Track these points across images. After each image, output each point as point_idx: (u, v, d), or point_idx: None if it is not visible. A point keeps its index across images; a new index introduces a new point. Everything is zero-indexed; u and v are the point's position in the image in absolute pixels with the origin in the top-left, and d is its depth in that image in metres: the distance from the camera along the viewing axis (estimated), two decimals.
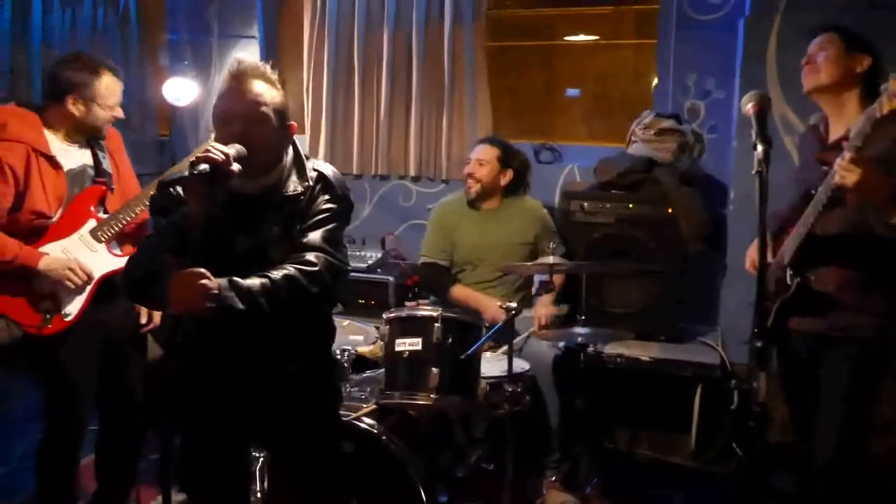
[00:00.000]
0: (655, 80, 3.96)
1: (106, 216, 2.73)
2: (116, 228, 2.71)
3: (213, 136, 2.05)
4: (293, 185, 1.99)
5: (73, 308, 2.65)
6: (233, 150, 1.85)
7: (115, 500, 2.95)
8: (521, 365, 2.96)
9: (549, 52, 4.45)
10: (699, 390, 3.42)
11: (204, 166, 1.78)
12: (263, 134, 1.93)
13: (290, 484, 2.19)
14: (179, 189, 1.93)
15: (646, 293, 3.58)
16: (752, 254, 2.51)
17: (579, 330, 3.00)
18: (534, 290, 3.58)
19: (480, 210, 3.60)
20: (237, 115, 1.91)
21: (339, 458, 2.24)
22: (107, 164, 2.77)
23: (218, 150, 1.81)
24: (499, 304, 3.26)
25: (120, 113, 2.73)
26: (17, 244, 2.54)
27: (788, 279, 2.32)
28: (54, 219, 2.62)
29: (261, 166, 1.95)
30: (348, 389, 2.85)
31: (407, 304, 3.82)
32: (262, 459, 2.74)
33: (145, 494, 3.18)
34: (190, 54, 4.44)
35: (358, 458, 2.56)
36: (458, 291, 3.52)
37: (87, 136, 2.72)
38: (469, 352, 2.56)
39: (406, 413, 2.75)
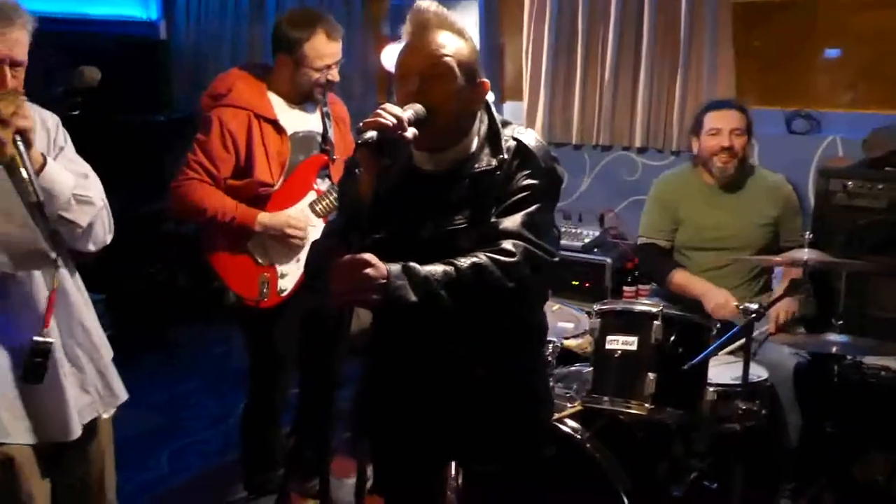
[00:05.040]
0: None
1: (325, 189, 2.67)
2: (335, 203, 2.61)
3: None
4: (486, 159, 1.68)
5: (289, 283, 2.64)
6: (409, 112, 1.57)
7: (312, 468, 2.94)
8: (757, 372, 2.52)
9: (808, 6, 3.80)
10: None
11: (371, 133, 1.52)
12: (444, 91, 1.63)
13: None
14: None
15: None
16: None
17: (834, 337, 2.49)
18: (773, 284, 3.09)
19: (710, 186, 3.12)
20: (414, 69, 1.63)
21: (539, 479, 1.93)
22: (332, 134, 2.70)
23: (389, 112, 1.54)
24: (730, 297, 2.85)
25: (334, 76, 2.60)
26: (234, 203, 2.55)
27: None
28: (276, 186, 2.60)
29: (445, 133, 1.67)
30: (551, 385, 2.57)
31: (625, 289, 3.50)
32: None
33: (344, 466, 3.18)
34: None
35: (558, 463, 2.31)
36: (679, 277, 3.06)
37: (304, 99, 2.64)
38: (694, 361, 2.18)
39: (616, 417, 2.45)
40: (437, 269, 1.56)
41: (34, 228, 1.65)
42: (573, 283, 3.63)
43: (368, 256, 1.51)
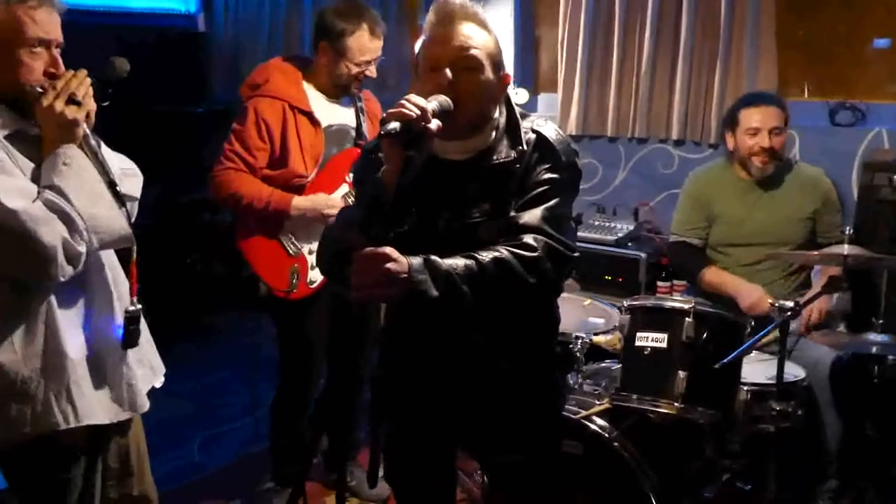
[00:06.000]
0: None
1: None
2: None
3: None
4: (504, 151, 1.66)
5: (319, 275, 2.64)
6: (433, 103, 1.55)
7: (336, 460, 2.94)
8: (793, 371, 2.45)
9: None
10: None
11: (394, 124, 1.50)
12: (473, 84, 1.62)
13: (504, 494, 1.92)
14: (381, 155, 1.65)
15: None
16: None
17: (875, 337, 2.41)
18: (813, 280, 2.99)
19: (746, 181, 3.02)
20: (442, 61, 1.61)
21: (557, 467, 1.92)
22: (366, 128, 2.71)
23: (412, 103, 1.52)
24: (763, 293, 2.77)
25: (372, 72, 2.62)
26: (270, 189, 2.57)
27: None
28: (310, 178, 2.61)
29: (467, 125, 1.65)
30: (579, 381, 2.54)
31: (659, 284, 3.43)
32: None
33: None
34: None
35: (585, 462, 2.28)
36: (712, 275, 2.97)
37: (340, 91, 2.65)
38: (725, 361, 2.12)
39: (645, 416, 2.40)
40: (458, 262, 1.54)
41: (117, 208, 1.68)
42: (605, 277, 3.56)
43: (390, 250, 1.49)
